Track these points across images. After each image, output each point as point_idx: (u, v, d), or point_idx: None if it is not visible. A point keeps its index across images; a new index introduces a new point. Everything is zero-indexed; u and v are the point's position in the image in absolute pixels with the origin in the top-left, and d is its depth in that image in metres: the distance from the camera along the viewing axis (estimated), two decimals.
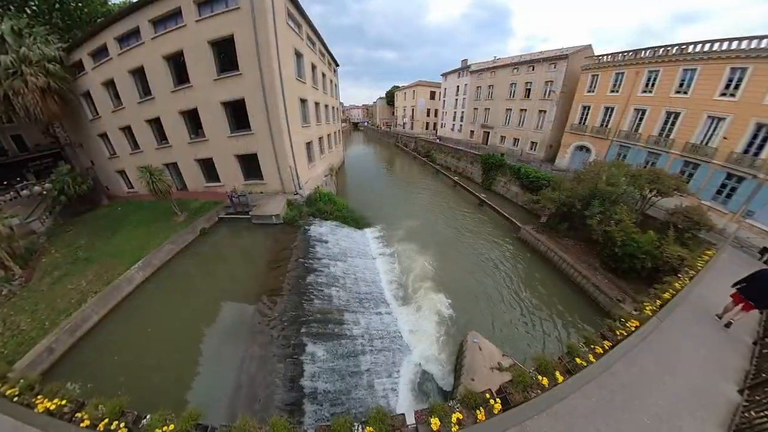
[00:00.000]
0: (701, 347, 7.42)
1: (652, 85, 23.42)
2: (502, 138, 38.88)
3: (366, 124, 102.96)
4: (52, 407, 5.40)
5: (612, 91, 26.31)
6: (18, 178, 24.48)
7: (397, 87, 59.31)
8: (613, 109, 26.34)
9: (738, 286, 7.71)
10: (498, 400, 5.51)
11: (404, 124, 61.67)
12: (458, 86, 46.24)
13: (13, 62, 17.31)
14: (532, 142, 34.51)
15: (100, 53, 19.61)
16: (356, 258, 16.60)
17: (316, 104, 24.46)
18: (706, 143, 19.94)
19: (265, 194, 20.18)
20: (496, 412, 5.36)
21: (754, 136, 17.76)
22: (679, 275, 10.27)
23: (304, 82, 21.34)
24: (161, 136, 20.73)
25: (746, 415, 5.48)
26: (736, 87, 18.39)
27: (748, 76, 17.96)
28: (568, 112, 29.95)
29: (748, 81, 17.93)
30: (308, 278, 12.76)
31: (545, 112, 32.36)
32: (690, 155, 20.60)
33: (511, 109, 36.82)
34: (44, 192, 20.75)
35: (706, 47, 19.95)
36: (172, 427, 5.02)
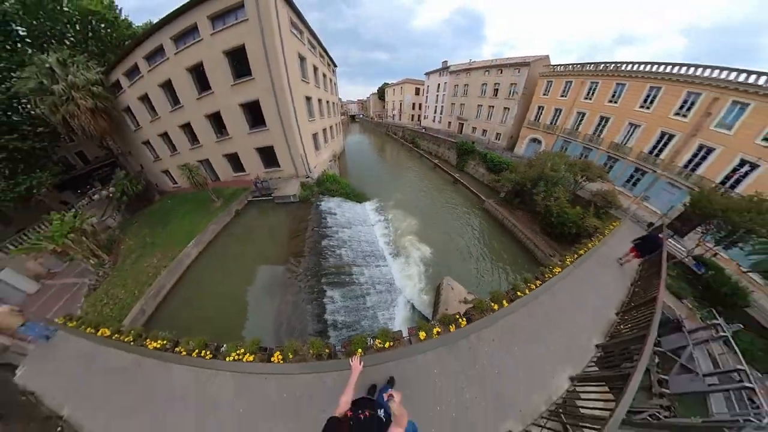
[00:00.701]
0: (600, 286, 8.89)
1: (592, 94, 24.37)
2: (474, 129, 39.29)
3: (361, 116, 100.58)
4: (158, 345, 6.70)
5: (561, 96, 27.07)
6: (88, 186, 24.40)
7: (387, 84, 57.70)
8: (561, 110, 27.22)
9: (635, 242, 9.49)
10: (464, 319, 6.66)
11: (393, 116, 60.38)
12: (439, 84, 45.53)
13: (64, 90, 17.05)
14: (497, 133, 35.13)
15: (133, 72, 19.31)
16: (359, 225, 17.38)
17: (319, 101, 24.07)
18: (625, 143, 21.40)
19: (282, 179, 20.16)
20: (462, 326, 6.58)
21: (658, 142, 19.37)
22: (593, 239, 11.73)
23: (308, 82, 21.01)
24: (193, 138, 20.43)
25: (617, 329, 7.03)
26: (651, 102, 19.58)
27: (660, 94, 19.13)
28: (526, 110, 30.56)
29: (660, 98, 19.17)
30: (323, 242, 13.63)
31: (509, 109, 32.81)
32: (613, 152, 22.14)
33: (482, 106, 37.05)
34: (110, 195, 20.88)
35: (635, 67, 20.67)
36: (242, 350, 6.16)
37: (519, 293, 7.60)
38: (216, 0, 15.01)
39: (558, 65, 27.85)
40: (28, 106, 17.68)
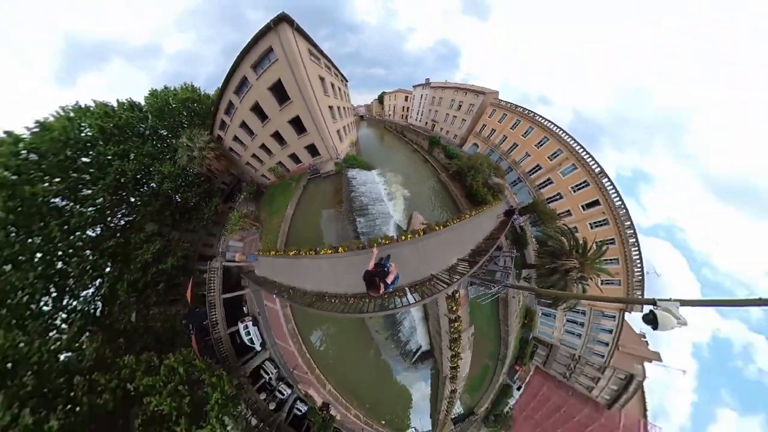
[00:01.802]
0: (484, 227, 13.98)
1: (515, 126, 26.48)
2: (441, 129, 41.29)
3: (367, 116, 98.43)
4: (292, 253, 11.76)
5: (498, 122, 28.69)
6: (235, 195, 26.32)
7: (385, 92, 58.06)
8: (495, 130, 29.07)
9: (504, 211, 14.36)
10: (422, 232, 11.27)
11: (389, 115, 61.66)
12: (422, 95, 46.32)
13: (198, 153, 19.58)
14: (455, 135, 37.42)
15: (223, 126, 20.51)
16: (369, 184, 20.50)
17: (339, 108, 24.26)
18: (519, 163, 25.70)
19: (323, 162, 21.21)
20: (420, 235, 11.10)
21: (534, 169, 24.09)
22: (487, 205, 17.12)
23: (329, 96, 20.86)
24: (268, 151, 21.14)
25: (481, 244, 12.54)
26: (541, 144, 23.85)
27: (547, 143, 23.35)
28: (475, 124, 32.39)
29: (546, 144, 23.43)
30: (352, 194, 17.76)
31: (465, 120, 35.08)
32: (512, 165, 26.19)
33: (448, 114, 38.93)
34: (244, 196, 23.19)
35: (538, 119, 24.30)
36: (327, 250, 10.91)
37: (448, 224, 12.14)
38: (253, 50, 14.92)
39: (502, 101, 29.03)
40: (189, 170, 20.55)
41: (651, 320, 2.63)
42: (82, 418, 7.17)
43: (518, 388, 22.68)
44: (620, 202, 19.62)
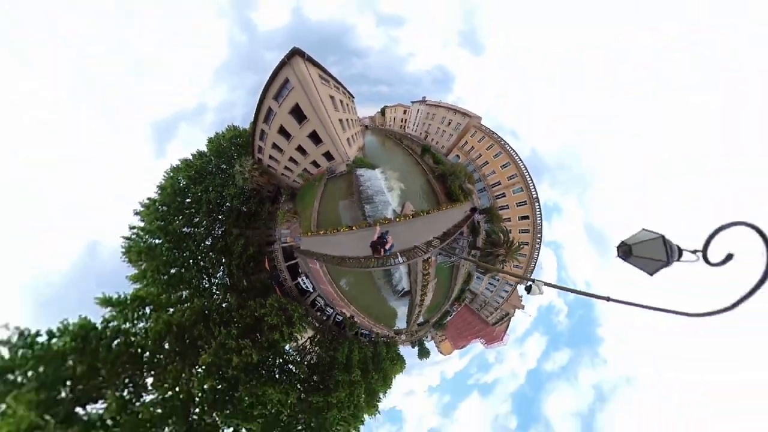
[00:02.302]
0: (455, 218, 18.52)
1: (489, 148, 31.24)
2: (432, 139, 45.11)
3: (371, 126, 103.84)
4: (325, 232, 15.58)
5: (478, 141, 32.72)
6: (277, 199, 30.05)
7: (387, 106, 64.77)
8: (473, 147, 33.20)
9: (471, 208, 18.35)
10: (411, 216, 15.36)
11: (390, 125, 67.08)
12: (419, 110, 49.35)
13: (249, 173, 23.88)
14: (443, 146, 41.42)
15: (260, 150, 23.86)
16: (373, 180, 23.61)
17: (347, 120, 25.49)
18: (486, 176, 31.36)
19: (337, 163, 23.62)
20: (410, 219, 15.28)
21: (497, 183, 30.57)
22: (460, 202, 22.18)
23: (338, 111, 21.93)
24: (295, 162, 23.60)
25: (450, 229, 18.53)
26: (504, 167, 30.29)
27: (509, 166, 29.80)
28: (459, 140, 36.22)
29: (508, 167, 29.68)
30: (360, 188, 21.58)
31: (452, 135, 38.61)
32: (482, 177, 31.38)
33: (439, 128, 42.13)
34: (283, 198, 26.76)
35: (506, 146, 29.74)
36: (344, 228, 15.35)
37: (430, 212, 16.20)
38: (273, 84, 16.87)
39: (483, 125, 32.75)
40: (245, 187, 24.76)
41: (528, 289, 4.36)
42: (239, 331, 13.66)
43: (452, 312, 34.26)
44: (540, 221, 27.46)
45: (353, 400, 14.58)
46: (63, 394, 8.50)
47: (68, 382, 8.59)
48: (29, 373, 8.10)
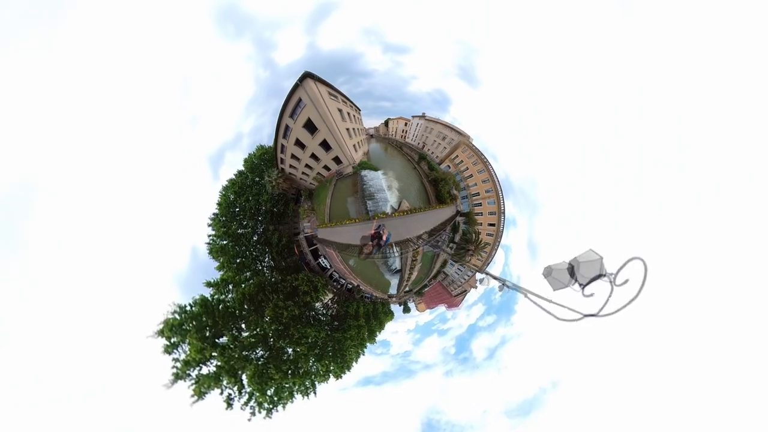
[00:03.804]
0: (441, 217, 22.01)
1: (475, 164, 31.37)
2: (428, 149, 45.50)
3: (375, 135, 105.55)
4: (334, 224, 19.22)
5: (467, 157, 35.08)
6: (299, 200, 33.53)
7: (390, 118, 68.99)
8: (462, 161, 36.23)
9: (456, 210, 22.21)
10: (406, 213, 19.09)
11: (392, 135, 71.82)
12: (418, 123, 50.79)
13: (276, 180, 26.62)
14: (437, 156, 43.25)
15: (281, 160, 26.32)
16: (375, 180, 25.30)
17: (353, 129, 26.73)
18: (471, 186, 33.11)
19: (345, 167, 25.24)
20: (405, 215, 19.19)
21: (476, 194, 32.21)
22: (447, 204, 26.63)
23: (345, 121, 23.32)
24: (310, 167, 25.52)
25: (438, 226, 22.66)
26: (485, 182, 33.42)
27: (488, 181, 33.47)
28: (451, 153, 38.79)
29: (487, 183, 33.11)
30: (364, 187, 23.97)
31: (446, 148, 40.58)
32: (466, 187, 33.10)
33: (435, 140, 44.16)
34: (303, 198, 30.37)
35: (489, 165, 31.82)
36: (347, 220, 19.12)
37: (422, 210, 19.98)
38: (288, 104, 19.07)
39: (473, 144, 33.68)
40: (274, 193, 27.22)
41: (481, 280, 5.83)
42: (284, 296, 19.59)
43: (429, 285, 39.03)
44: (502, 229, 31.55)
45: (360, 335, 22.29)
46: (207, 334, 16.89)
47: (207, 328, 16.76)
48: (192, 323, 16.58)
